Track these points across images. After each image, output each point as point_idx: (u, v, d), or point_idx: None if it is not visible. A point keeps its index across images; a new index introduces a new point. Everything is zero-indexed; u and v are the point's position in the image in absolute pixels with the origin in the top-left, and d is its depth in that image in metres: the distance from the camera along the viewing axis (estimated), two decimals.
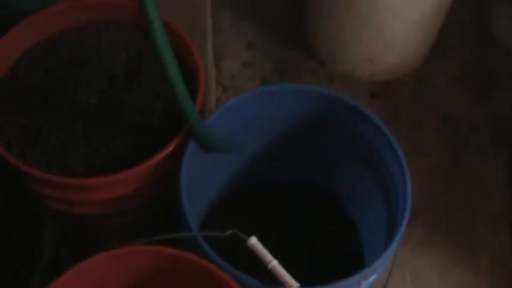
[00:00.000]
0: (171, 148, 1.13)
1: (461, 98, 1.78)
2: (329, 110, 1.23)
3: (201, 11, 1.45)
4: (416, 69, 1.81)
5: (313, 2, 1.75)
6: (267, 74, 1.77)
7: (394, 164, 1.15)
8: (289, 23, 1.87)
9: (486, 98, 1.78)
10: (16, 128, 1.18)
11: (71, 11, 1.30)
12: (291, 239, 1.31)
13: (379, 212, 1.21)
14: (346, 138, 1.25)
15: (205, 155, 1.18)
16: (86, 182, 1.11)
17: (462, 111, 1.75)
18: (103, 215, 1.19)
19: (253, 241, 1.01)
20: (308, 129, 1.28)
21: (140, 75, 1.25)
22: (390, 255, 1.08)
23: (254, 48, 1.82)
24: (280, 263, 1.00)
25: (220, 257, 1.01)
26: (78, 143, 1.17)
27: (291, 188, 1.38)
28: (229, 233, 1.00)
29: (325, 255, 1.31)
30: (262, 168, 1.35)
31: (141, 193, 1.16)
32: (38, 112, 1.20)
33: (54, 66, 1.26)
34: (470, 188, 1.63)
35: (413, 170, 1.14)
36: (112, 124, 1.19)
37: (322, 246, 1.32)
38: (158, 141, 1.15)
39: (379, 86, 1.77)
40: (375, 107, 1.61)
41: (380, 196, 1.22)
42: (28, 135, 1.17)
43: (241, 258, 1.01)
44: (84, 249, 1.03)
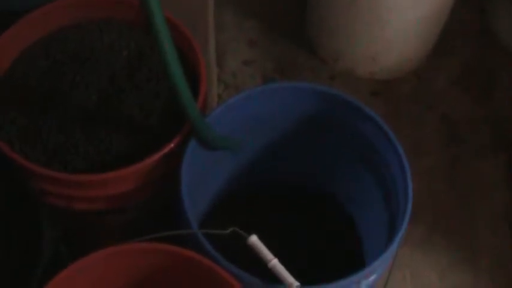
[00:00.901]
0: (172, 145, 1.12)
1: (461, 98, 1.78)
2: (330, 109, 1.23)
3: (203, 8, 1.44)
4: (417, 68, 1.81)
5: (315, 1, 1.75)
6: (268, 71, 1.77)
7: (395, 164, 1.15)
8: (290, 21, 1.87)
9: (486, 98, 1.78)
10: (16, 128, 1.17)
11: (72, 8, 1.29)
12: (291, 238, 1.31)
13: (379, 212, 1.21)
14: (347, 137, 1.25)
15: (206, 153, 1.18)
16: (86, 178, 1.11)
17: (462, 111, 1.75)
18: (103, 212, 1.19)
19: (254, 239, 1.01)
20: (308, 127, 1.27)
21: (141, 74, 1.24)
22: (390, 255, 1.07)
23: (256, 46, 1.82)
24: (280, 261, 1.00)
25: (220, 255, 1.01)
26: (78, 141, 1.16)
27: (291, 187, 1.38)
28: (229, 230, 1.00)
29: (325, 255, 1.31)
30: (262, 167, 1.35)
31: (141, 191, 1.16)
32: (38, 111, 1.19)
33: (54, 64, 1.25)
34: (470, 188, 1.63)
35: (413, 169, 1.14)
36: (112, 122, 1.18)
37: (322, 246, 1.32)
38: (158, 140, 1.14)
39: (380, 85, 1.77)
40: (375, 105, 1.61)
41: (380, 196, 1.22)
42: (28, 135, 1.17)
43: (241, 256, 1.01)
44: (84, 247, 1.02)
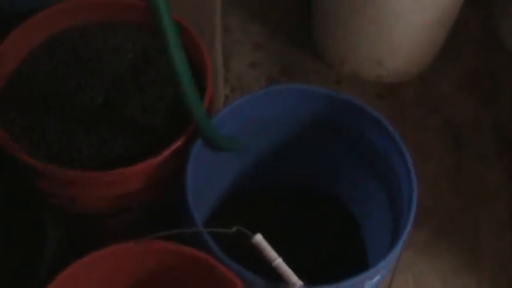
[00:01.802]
0: (177, 146, 1.13)
1: (465, 102, 1.78)
2: (335, 112, 1.23)
3: (211, 11, 1.45)
4: (423, 72, 1.81)
5: (321, 4, 1.75)
6: (274, 74, 1.77)
7: (400, 167, 1.15)
8: (297, 24, 1.87)
9: (490, 101, 1.78)
10: (20, 128, 1.17)
11: (79, 10, 1.29)
12: (295, 239, 1.31)
13: (384, 214, 1.21)
14: (352, 140, 1.25)
15: (211, 155, 1.18)
16: (90, 175, 1.11)
17: (467, 115, 1.75)
18: (106, 212, 1.19)
19: (258, 238, 1.01)
20: (313, 130, 1.28)
21: (146, 76, 1.24)
22: (394, 257, 1.07)
23: (261, 49, 1.82)
24: (284, 261, 1.00)
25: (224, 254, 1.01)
26: (82, 143, 1.16)
27: (294, 188, 1.38)
28: (234, 229, 1.00)
29: (329, 255, 1.31)
30: (267, 168, 1.35)
31: (144, 191, 1.16)
32: (43, 112, 1.19)
33: (59, 65, 1.25)
34: (474, 192, 1.63)
35: (417, 173, 1.14)
36: (116, 124, 1.18)
37: (325, 246, 1.32)
38: (161, 143, 1.14)
39: (386, 88, 1.77)
40: (381, 108, 1.59)
41: (384, 198, 1.22)
42: (33, 136, 1.17)
43: (244, 256, 1.01)
44: (87, 247, 1.02)
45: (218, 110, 1.23)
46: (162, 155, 1.12)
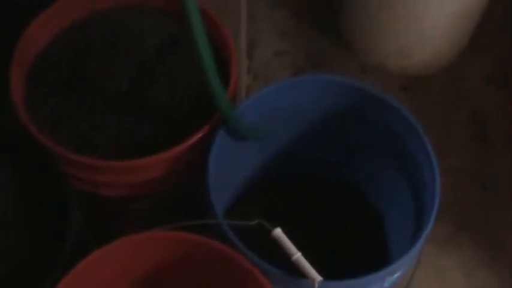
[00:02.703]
0: (202, 134, 1.13)
1: (493, 96, 1.75)
2: (360, 103, 1.22)
3: None
4: (450, 65, 1.79)
5: None
6: (299, 63, 1.76)
7: (424, 161, 1.14)
8: (323, 13, 1.86)
9: None
10: (47, 109, 1.18)
11: None
12: (316, 232, 1.31)
13: (407, 208, 1.20)
14: (376, 132, 1.24)
15: (233, 145, 1.18)
16: (114, 164, 1.12)
17: (494, 110, 1.73)
18: (129, 198, 1.19)
19: (278, 232, 1.00)
20: (336, 120, 1.27)
21: (172, 61, 1.25)
22: (415, 253, 1.07)
23: (287, 37, 1.81)
24: (302, 255, 0.99)
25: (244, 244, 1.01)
26: (107, 127, 1.17)
27: (316, 179, 1.38)
28: (255, 222, 1.00)
29: (350, 246, 1.31)
30: (288, 158, 1.35)
31: (166, 179, 1.16)
32: (67, 94, 1.20)
33: (86, 47, 1.26)
34: (499, 188, 1.61)
35: (441, 167, 1.13)
36: (142, 109, 1.19)
37: (347, 241, 1.32)
38: (185, 130, 1.14)
39: (411, 81, 1.76)
40: (405, 101, 1.58)
41: (408, 192, 1.21)
42: (59, 117, 1.18)
43: (261, 248, 1.01)
44: (107, 234, 1.03)
45: (240, 98, 1.22)
46: (187, 143, 1.12)
